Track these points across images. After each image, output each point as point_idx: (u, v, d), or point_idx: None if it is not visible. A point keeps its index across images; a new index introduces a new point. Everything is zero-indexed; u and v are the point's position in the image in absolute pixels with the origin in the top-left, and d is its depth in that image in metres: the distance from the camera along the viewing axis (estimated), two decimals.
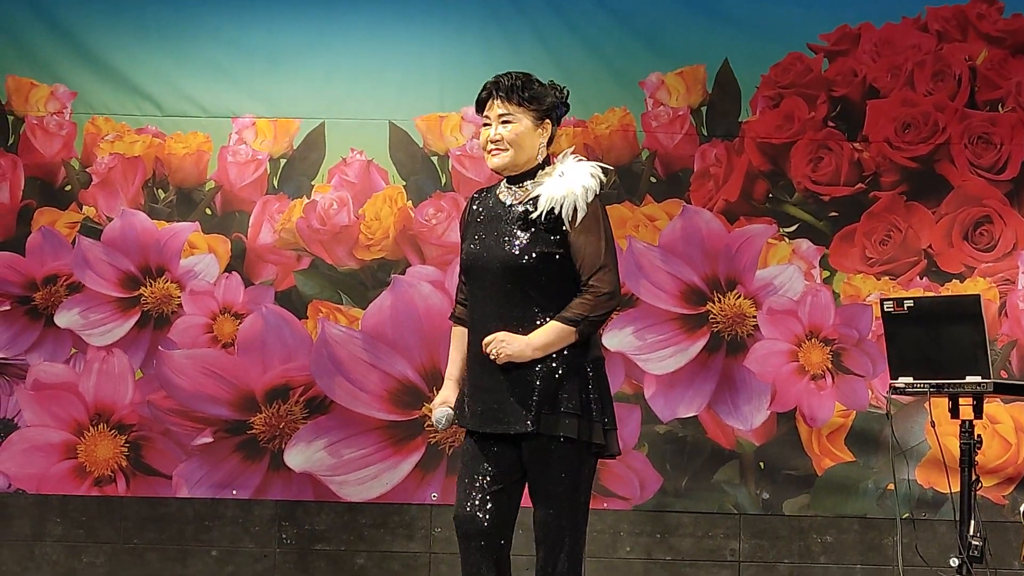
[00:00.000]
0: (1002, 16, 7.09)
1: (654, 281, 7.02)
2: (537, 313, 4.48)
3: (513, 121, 4.55)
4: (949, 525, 6.53)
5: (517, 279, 4.49)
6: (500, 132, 4.55)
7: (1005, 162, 7.04)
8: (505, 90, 4.56)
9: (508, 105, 4.55)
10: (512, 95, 4.55)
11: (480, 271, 4.55)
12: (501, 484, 4.53)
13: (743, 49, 7.11)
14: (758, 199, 7.11)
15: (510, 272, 4.49)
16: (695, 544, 7.03)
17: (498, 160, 4.57)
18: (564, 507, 4.48)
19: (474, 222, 4.63)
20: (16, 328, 7.14)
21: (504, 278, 4.50)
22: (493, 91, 4.57)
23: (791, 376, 7.02)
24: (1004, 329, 6.99)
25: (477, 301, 4.57)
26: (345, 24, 7.19)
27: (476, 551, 4.51)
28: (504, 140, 4.55)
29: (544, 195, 4.50)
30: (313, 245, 7.14)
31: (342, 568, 7.08)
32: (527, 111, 4.55)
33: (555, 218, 4.49)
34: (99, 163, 7.18)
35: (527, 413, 4.44)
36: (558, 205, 4.48)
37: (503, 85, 4.57)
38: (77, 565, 7.12)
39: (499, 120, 4.56)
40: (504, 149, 4.56)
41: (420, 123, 7.17)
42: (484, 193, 4.70)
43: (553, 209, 4.48)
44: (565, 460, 4.48)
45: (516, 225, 4.52)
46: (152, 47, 7.19)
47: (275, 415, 7.06)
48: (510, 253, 4.49)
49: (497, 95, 4.57)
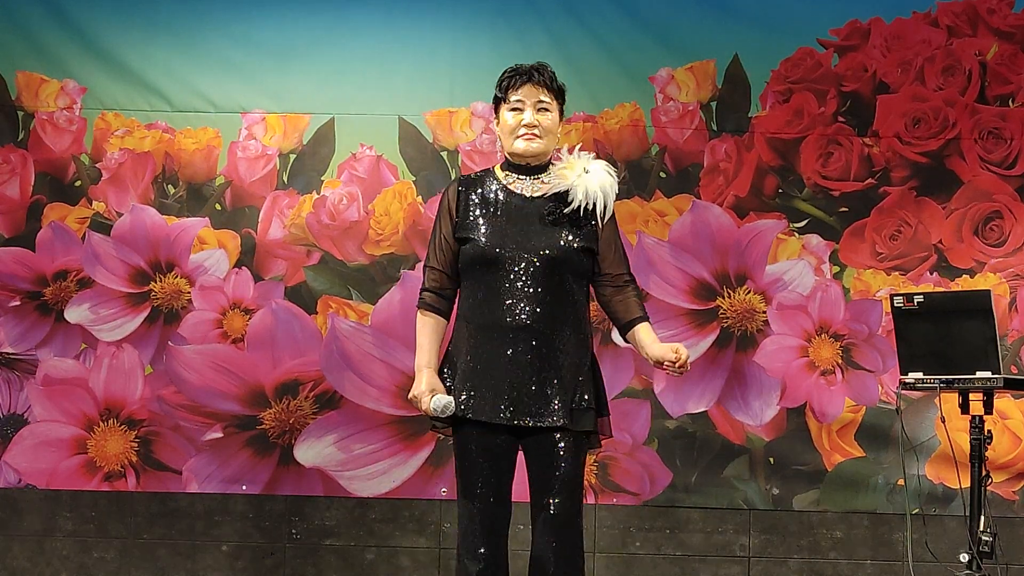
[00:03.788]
0: (1012, 11, 7.08)
1: (664, 276, 7.02)
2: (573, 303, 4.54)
3: (550, 110, 4.61)
4: (959, 521, 6.54)
5: (559, 271, 4.53)
6: (538, 118, 4.58)
7: (1015, 157, 7.03)
8: (547, 78, 4.60)
9: (547, 93, 4.60)
10: (552, 84, 4.60)
11: (507, 261, 4.53)
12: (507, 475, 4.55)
13: (753, 44, 7.11)
14: (768, 194, 7.10)
15: (553, 263, 4.52)
16: (705, 539, 7.03)
17: (535, 146, 4.59)
18: (576, 496, 4.52)
19: (474, 211, 4.62)
20: (26, 323, 7.15)
21: (543, 269, 4.51)
22: (533, 76, 4.59)
23: (801, 371, 7.02)
24: (1014, 324, 6.98)
25: (494, 291, 4.54)
26: (355, 19, 7.19)
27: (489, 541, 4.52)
28: (541, 127, 4.58)
29: (580, 190, 4.56)
30: (323, 240, 7.14)
31: (352, 563, 7.09)
32: (557, 103, 4.61)
33: (588, 213, 4.56)
34: (109, 158, 7.19)
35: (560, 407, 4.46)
36: (592, 201, 4.56)
37: (545, 73, 4.62)
38: (87, 560, 7.13)
39: (537, 106, 4.58)
40: (539, 136, 4.59)
41: (430, 118, 7.17)
42: (473, 181, 4.68)
43: (587, 205, 4.56)
44: (577, 451, 4.52)
45: (551, 218, 4.55)
46: (162, 42, 7.19)
47: (285, 410, 7.07)
48: (552, 244, 4.53)
49: (538, 82, 4.59)
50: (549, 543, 4.49)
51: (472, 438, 4.54)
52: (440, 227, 4.66)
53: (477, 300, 4.59)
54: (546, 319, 4.49)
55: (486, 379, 4.53)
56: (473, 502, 4.53)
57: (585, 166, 4.60)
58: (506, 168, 4.68)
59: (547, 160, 4.64)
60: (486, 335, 4.54)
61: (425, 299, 4.68)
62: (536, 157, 4.61)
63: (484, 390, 4.53)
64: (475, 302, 4.58)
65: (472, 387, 4.55)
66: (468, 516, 4.54)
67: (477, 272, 4.59)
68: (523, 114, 4.59)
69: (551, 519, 4.49)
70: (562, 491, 4.50)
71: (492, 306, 4.55)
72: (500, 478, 4.54)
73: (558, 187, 4.59)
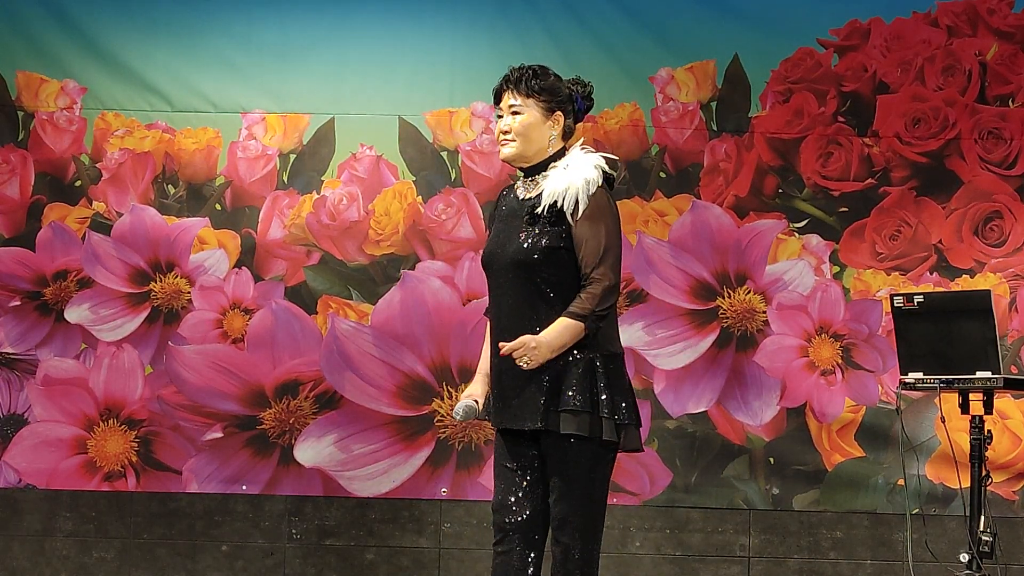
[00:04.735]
0: (1012, 11, 7.07)
1: (664, 276, 7.02)
2: (546, 308, 4.46)
3: (521, 112, 4.54)
4: (959, 521, 6.54)
5: (526, 274, 4.48)
6: (510, 123, 4.55)
7: (1015, 157, 7.03)
8: (514, 81, 4.55)
9: (517, 96, 4.55)
10: (520, 85, 4.54)
11: (495, 266, 4.55)
12: (530, 478, 4.54)
13: (753, 44, 7.11)
14: (768, 194, 7.10)
15: (519, 267, 4.48)
16: (705, 539, 7.03)
17: (507, 151, 4.56)
18: (577, 505, 4.45)
19: (498, 217, 4.64)
20: (26, 323, 7.15)
21: (514, 273, 4.49)
22: (507, 82, 4.57)
23: (801, 371, 7.01)
24: (1014, 324, 6.98)
25: (494, 296, 4.58)
26: (355, 19, 7.19)
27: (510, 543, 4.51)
28: (513, 131, 4.55)
29: (547, 189, 4.50)
30: (323, 240, 7.14)
31: (352, 563, 7.08)
32: (537, 102, 4.54)
33: (559, 211, 4.47)
34: (109, 158, 7.19)
35: (536, 410, 4.44)
36: (559, 198, 4.47)
37: (513, 76, 4.57)
38: (87, 560, 7.13)
39: (509, 111, 4.56)
40: (513, 139, 4.55)
41: (430, 118, 7.17)
42: (509, 187, 4.70)
43: (556, 202, 4.47)
44: (577, 457, 4.46)
45: (525, 220, 4.52)
46: (162, 42, 7.19)
47: (285, 410, 7.07)
48: (519, 248, 4.49)
49: (508, 86, 4.57)
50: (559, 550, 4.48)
51: (497, 443, 4.61)
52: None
53: (489, 306, 4.65)
54: (520, 324, 4.47)
55: (494, 384, 4.59)
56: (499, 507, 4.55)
57: (568, 162, 4.54)
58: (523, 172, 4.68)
59: (544, 160, 4.59)
60: (491, 341, 4.60)
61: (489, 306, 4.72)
62: (516, 160, 4.59)
63: (493, 396, 4.60)
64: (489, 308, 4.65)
65: (491, 393, 4.62)
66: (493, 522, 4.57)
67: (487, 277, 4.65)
68: (502, 121, 4.59)
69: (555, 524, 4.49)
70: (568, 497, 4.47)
71: (493, 312, 4.60)
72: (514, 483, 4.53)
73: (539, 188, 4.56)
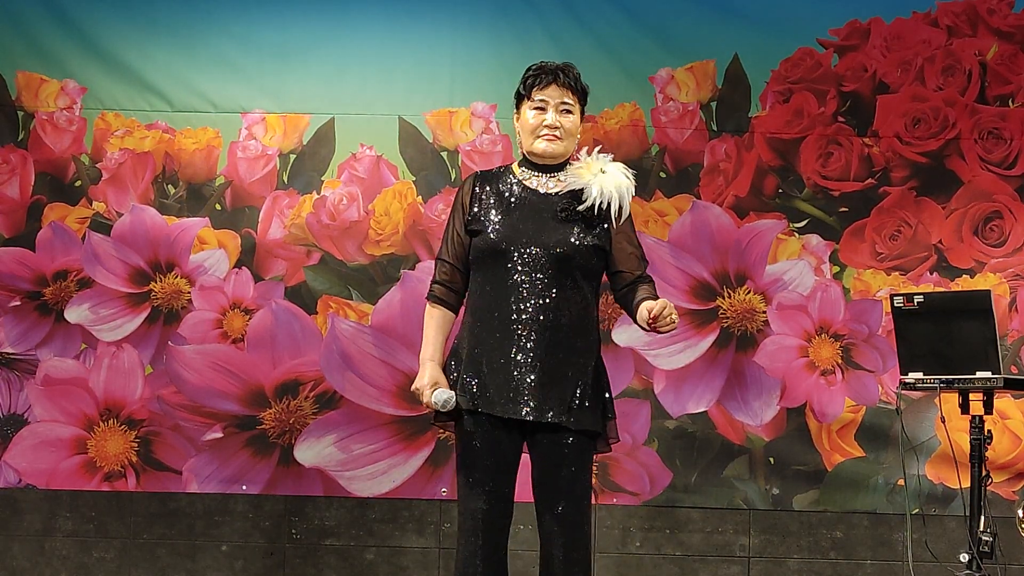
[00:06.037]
0: (1012, 11, 7.08)
1: (664, 276, 7.01)
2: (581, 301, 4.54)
3: (573, 112, 4.62)
4: (959, 521, 6.54)
5: (569, 266, 4.53)
6: (560, 120, 4.58)
7: (1015, 157, 7.03)
8: (572, 79, 4.60)
9: (571, 95, 4.60)
10: (576, 85, 4.61)
11: (516, 255, 4.53)
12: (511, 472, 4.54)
13: (753, 44, 7.11)
14: (768, 194, 7.10)
15: (564, 259, 4.52)
16: (705, 539, 7.03)
17: (555, 147, 4.60)
18: (584, 499, 4.50)
19: (487, 205, 4.62)
20: (26, 323, 7.15)
21: (555, 264, 4.51)
22: (559, 77, 4.59)
23: (801, 371, 7.02)
24: (1014, 325, 6.98)
25: (502, 285, 4.54)
26: (355, 19, 7.19)
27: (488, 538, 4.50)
28: (563, 128, 4.59)
29: (595, 189, 4.56)
30: (323, 240, 7.14)
31: (351, 563, 7.09)
32: (580, 105, 4.62)
33: (602, 213, 4.56)
34: (109, 158, 7.19)
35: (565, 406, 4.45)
36: (606, 201, 4.57)
37: (570, 74, 4.62)
38: (87, 560, 7.13)
39: (560, 108, 4.59)
40: (561, 138, 4.59)
41: (430, 118, 7.17)
42: (490, 177, 4.69)
43: (602, 204, 4.56)
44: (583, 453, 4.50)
45: (564, 214, 4.56)
46: (162, 42, 7.19)
47: (285, 410, 7.07)
48: (566, 242, 4.52)
49: (564, 83, 4.59)
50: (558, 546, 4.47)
51: (476, 433, 4.52)
52: (453, 221, 4.68)
53: (485, 293, 4.58)
54: (552, 314, 4.49)
55: (491, 372, 4.52)
56: (473, 499, 4.51)
57: (602, 167, 4.61)
58: (523, 165, 4.69)
59: (565, 160, 4.65)
60: (493, 328, 4.53)
61: (434, 291, 4.68)
62: (555, 158, 4.62)
63: (489, 383, 4.51)
64: (483, 295, 4.58)
65: (478, 380, 4.53)
66: (468, 513, 4.52)
67: (487, 265, 4.59)
68: (546, 114, 4.59)
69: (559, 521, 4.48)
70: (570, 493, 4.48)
71: (500, 300, 4.54)
72: (502, 475, 4.52)
73: (573, 185, 4.60)
